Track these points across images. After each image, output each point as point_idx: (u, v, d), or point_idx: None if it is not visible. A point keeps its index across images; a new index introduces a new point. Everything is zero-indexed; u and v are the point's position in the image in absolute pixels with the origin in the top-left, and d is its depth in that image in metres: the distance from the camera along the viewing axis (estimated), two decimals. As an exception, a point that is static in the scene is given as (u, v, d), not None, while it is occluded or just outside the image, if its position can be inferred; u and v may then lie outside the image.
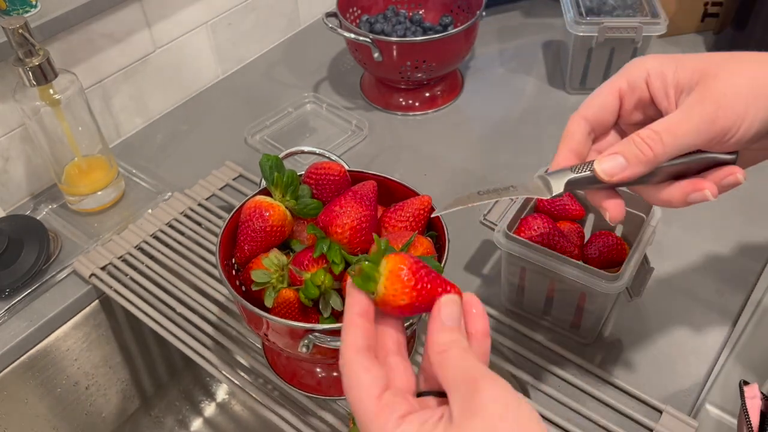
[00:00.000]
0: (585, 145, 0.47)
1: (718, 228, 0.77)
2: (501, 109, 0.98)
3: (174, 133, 0.97)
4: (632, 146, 0.43)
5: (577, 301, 0.63)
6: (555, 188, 0.44)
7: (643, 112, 0.47)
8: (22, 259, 0.74)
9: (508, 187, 0.44)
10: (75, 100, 0.76)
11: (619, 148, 0.43)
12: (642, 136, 0.42)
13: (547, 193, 0.44)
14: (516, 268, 0.65)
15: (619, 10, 0.93)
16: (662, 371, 0.64)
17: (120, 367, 0.84)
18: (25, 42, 0.68)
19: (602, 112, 0.47)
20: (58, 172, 0.81)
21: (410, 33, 0.95)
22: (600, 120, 0.47)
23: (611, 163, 0.43)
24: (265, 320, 0.54)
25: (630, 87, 0.45)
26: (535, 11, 1.16)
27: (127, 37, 0.89)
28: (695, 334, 0.67)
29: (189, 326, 0.70)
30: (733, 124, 0.41)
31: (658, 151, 0.42)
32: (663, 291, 0.71)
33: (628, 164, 0.43)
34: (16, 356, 0.72)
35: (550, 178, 0.45)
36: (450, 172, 0.87)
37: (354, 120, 0.95)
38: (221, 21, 1.01)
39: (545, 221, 0.63)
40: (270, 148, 0.92)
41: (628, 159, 0.43)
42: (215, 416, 0.92)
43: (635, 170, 0.43)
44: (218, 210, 0.82)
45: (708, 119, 0.41)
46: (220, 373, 0.66)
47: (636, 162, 0.42)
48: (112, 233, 0.80)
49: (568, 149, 0.46)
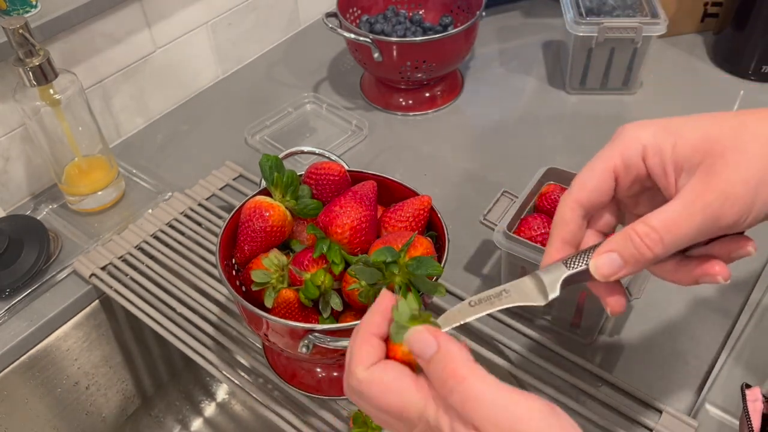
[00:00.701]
0: (579, 231, 0.43)
1: (718, 228, 0.77)
2: (501, 109, 0.98)
3: (174, 133, 0.97)
4: (629, 245, 0.39)
5: (577, 300, 0.63)
6: (551, 292, 0.41)
7: (641, 185, 0.42)
8: (22, 259, 0.74)
9: (500, 293, 0.41)
10: (75, 100, 0.76)
11: (615, 245, 0.39)
12: (640, 234, 0.38)
13: (542, 300, 0.41)
14: (516, 267, 0.65)
15: (619, 10, 0.93)
16: (662, 371, 0.64)
17: (120, 367, 0.84)
18: (25, 42, 0.68)
19: (597, 195, 0.42)
20: (58, 172, 0.81)
21: (410, 33, 0.95)
22: (595, 203, 0.43)
23: (606, 263, 0.39)
24: (264, 320, 0.54)
25: (625, 165, 0.41)
26: (535, 11, 1.16)
27: (127, 37, 0.89)
28: (695, 334, 0.67)
29: (189, 326, 0.70)
30: (740, 217, 0.37)
31: (658, 252, 0.38)
32: (663, 291, 0.71)
33: (625, 264, 0.39)
34: (16, 356, 0.72)
35: (544, 278, 0.41)
36: (450, 172, 0.87)
37: (354, 120, 0.95)
38: (221, 21, 1.01)
39: (545, 221, 0.64)
40: (270, 148, 0.92)
41: (624, 258, 0.39)
42: (215, 416, 0.92)
43: (632, 270, 0.39)
44: (218, 210, 0.82)
45: (713, 215, 0.37)
46: (221, 373, 0.66)
47: (633, 262, 0.39)
48: (112, 233, 0.80)
49: (561, 240, 0.43)
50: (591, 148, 0.91)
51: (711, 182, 0.37)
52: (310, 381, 0.63)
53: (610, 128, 0.61)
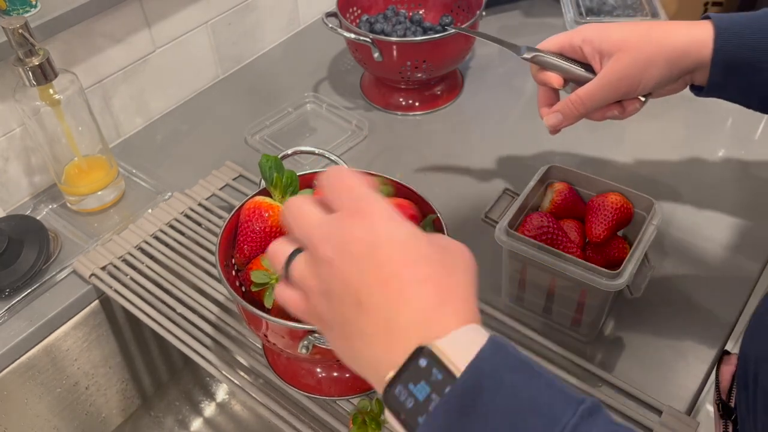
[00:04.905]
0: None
1: (718, 228, 0.77)
2: (501, 109, 0.98)
3: (174, 133, 0.97)
4: (566, 107, 0.63)
5: (578, 297, 0.63)
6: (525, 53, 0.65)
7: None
8: (22, 259, 0.74)
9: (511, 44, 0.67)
10: (75, 99, 0.76)
11: (558, 107, 0.64)
12: (572, 100, 0.62)
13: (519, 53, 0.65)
14: (517, 265, 0.65)
15: (619, 10, 0.93)
16: (662, 371, 0.64)
17: (120, 367, 0.84)
18: (25, 42, 0.68)
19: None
20: (58, 172, 0.81)
21: (410, 33, 0.95)
22: None
23: (553, 117, 0.64)
24: (264, 321, 0.54)
25: (570, 46, 0.63)
26: (535, 11, 1.16)
27: (127, 36, 0.89)
28: (695, 334, 0.67)
29: (189, 326, 0.70)
30: (630, 88, 0.60)
31: (582, 110, 0.62)
32: (663, 290, 0.71)
33: (564, 118, 0.64)
34: (16, 356, 0.72)
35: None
36: (450, 172, 0.87)
37: (354, 120, 0.95)
38: (221, 21, 1.01)
39: (547, 218, 0.64)
40: (270, 148, 0.92)
41: (564, 115, 0.63)
42: (215, 416, 0.92)
43: (569, 122, 0.64)
44: (218, 210, 0.82)
45: (614, 87, 0.60)
46: (220, 373, 0.66)
47: (569, 117, 0.63)
48: (112, 233, 0.80)
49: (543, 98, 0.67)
50: (591, 147, 0.91)
51: (615, 67, 0.59)
52: (309, 381, 0.63)
53: (610, 128, 0.61)
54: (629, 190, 0.66)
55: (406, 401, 0.34)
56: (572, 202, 0.67)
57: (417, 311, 0.36)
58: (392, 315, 0.36)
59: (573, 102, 0.62)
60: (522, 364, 0.34)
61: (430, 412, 0.33)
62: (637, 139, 0.90)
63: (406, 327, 0.35)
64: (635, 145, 0.89)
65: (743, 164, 0.86)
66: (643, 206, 0.65)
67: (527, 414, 0.32)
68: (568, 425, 0.32)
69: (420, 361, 0.34)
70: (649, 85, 0.60)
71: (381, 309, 0.36)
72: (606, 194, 0.66)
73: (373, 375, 0.37)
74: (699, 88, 0.61)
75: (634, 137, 0.91)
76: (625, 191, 0.66)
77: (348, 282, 0.37)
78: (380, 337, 0.36)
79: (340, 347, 0.39)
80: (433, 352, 0.34)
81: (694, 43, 0.57)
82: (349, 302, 0.37)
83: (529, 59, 0.64)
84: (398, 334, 0.36)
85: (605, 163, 0.87)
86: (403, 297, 0.36)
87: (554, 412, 0.32)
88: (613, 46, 0.59)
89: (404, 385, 0.34)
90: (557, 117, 0.64)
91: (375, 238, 0.37)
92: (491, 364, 0.34)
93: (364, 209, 0.39)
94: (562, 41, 0.63)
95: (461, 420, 0.33)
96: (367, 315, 0.36)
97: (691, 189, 0.82)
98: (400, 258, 0.37)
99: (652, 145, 0.89)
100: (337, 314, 0.38)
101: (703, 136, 0.90)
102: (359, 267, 0.37)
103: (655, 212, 0.64)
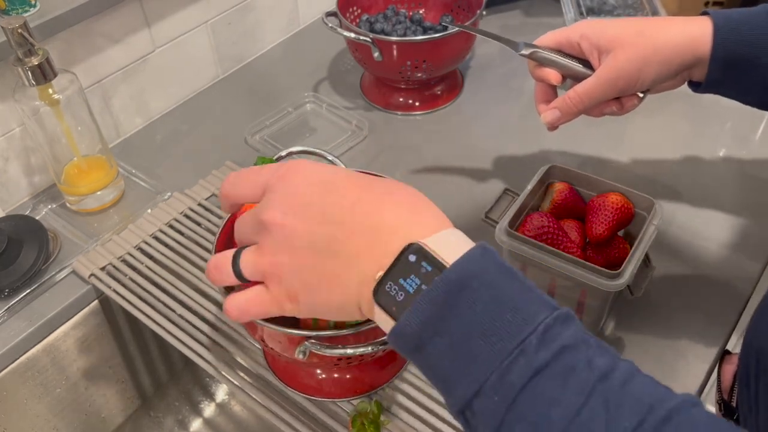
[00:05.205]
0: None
1: (718, 228, 0.77)
2: (501, 109, 0.98)
3: (174, 133, 0.97)
4: (564, 103, 0.63)
5: (578, 297, 0.63)
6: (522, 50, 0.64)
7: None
8: (21, 259, 0.74)
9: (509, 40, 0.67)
10: (74, 99, 0.76)
11: (556, 104, 0.63)
12: (570, 97, 0.62)
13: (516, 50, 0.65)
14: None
15: (620, 10, 0.93)
16: (662, 371, 0.64)
17: (119, 367, 0.84)
18: (25, 42, 0.68)
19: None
20: (57, 172, 0.81)
21: (410, 32, 0.95)
22: None
23: (550, 114, 0.64)
24: (260, 326, 0.54)
25: (567, 41, 0.63)
26: (535, 11, 1.16)
27: (127, 36, 0.89)
28: (695, 334, 0.67)
29: (188, 327, 0.70)
30: (628, 85, 0.60)
31: (580, 107, 0.62)
32: (664, 290, 0.71)
33: (562, 115, 0.63)
34: (16, 356, 0.72)
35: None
36: (450, 172, 0.87)
37: (354, 120, 0.95)
38: (221, 21, 1.01)
39: (547, 218, 0.63)
40: (270, 147, 0.91)
41: (561, 111, 0.63)
42: (215, 416, 0.92)
43: (567, 118, 0.63)
44: (218, 210, 0.81)
45: (611, 84, 0.60)
46: (220, 373, 0.65)
47: (567, 113, 0.63)
48: (112, 233, 0.80)
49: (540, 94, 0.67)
50: (591, 147, 0.91)
51: (612, 64, 0.59)
52: (309, 382, 0.63)
53: (610, 128, 0.61)
54: (629, 190, 0.66)
55: (396, 295, 0.36)
56: (572, 202, 0.67)
57: (397, 218, 0.38)
58: (373, 227, 0.38)
59: (571, 99, 0.62)
60: (507, 270, 0.36)
61: (417, 300, 0.35)
62: (637, 139, 0.90)
63: (391, 233, 0.38)
64: (635, 145, 0.89)
65: (743, 164, 0.86)
66: (643, 206, 0.65)
67: (506, 310, 0.35)
68: (542, 324, 0.34)
69: (409, 257, 0.37)
70: (647, 82, 0.60)
71: (357, 230, 0.38)
72: (606, 194, 0.66)
73: (361, 291, 0.38)
74: (697, 84, 0.62)
75: (634, 137, 0.91)
76: (625, 191, 0.66)
77: (310, 230, 0.38)
78: (364, 252, 0.38)
79: (322, 301, 0.40)
80: (422, 247, 0.36)
81: (690, 39, 0.58)
82: (319, 247, 0.38)
83: (527, 55, 0.64)
84: (384, 241, 0.38)
85: (605, 163, 0.87)
86: (379, 210, 0.38)
87: (531, 312, 0.35)
88: (609, 42, 0.59)
89: (394, 281, 0.37)
90: (555, 114, 0.64)
91: (321, 178, 0.40)
92: (479, 265, 0.36)
93: (289, 167, 0.41)
94: (560, 37, 0.64)
95: (443, 309, 0.35)
96: (343, 244, 0.38)
97: (691, 189, 0.82)
98: (356, 183, 0.40)
99: (652, 145, 0.89)
100: (309, 270, 0.39)
101: (704, 136, 0.90)
102: (318, 209, 0.39)
103: (655, 212, 0.64)
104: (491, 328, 0.34)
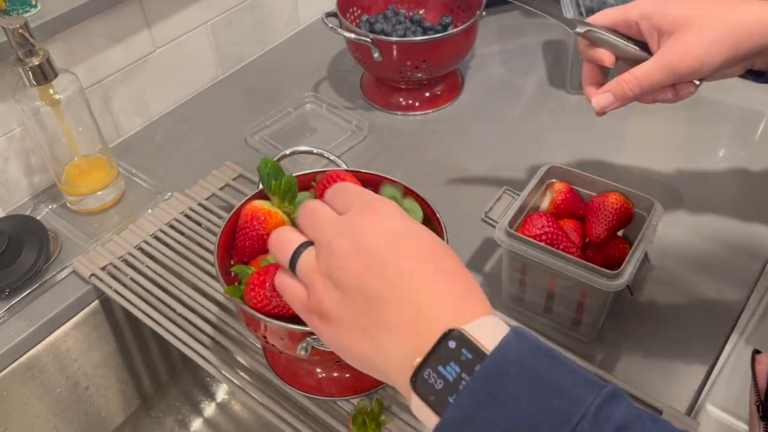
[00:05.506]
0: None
1: (718, 228, 0.77)
2: (501, 109, 0.98)
3: (174, 133, 0.97)
4: (619, 87, 0.58)
5: (578, 297, 0.63)
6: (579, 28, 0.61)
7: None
8: (22, 259, 0.74)
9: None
10: (75, 100, 0.76)
11: (610, 87, 0.59)
12: (625, 80, 0.57)
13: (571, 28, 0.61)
14: (517, 265, 0.65)
15: (620, 10, 0.93)
16: (662, 371, 0.64)
17: (120, 367, 0.84)
18: (25, 42, 0.68)
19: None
20: (58, 172, 0.81)
21: (410, 33, 0.95)
22: None
23: (603, 98, 0.59)
24: (262, 323, 0.54)
25: (624, 21, 0.59)
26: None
27: (127, 37, 0.89)
28: (695, 334, 0.67)
29: (189, 326, 0.70)
30: (691, 69, 0.55)
31: (636, 92, 0.57)
32: (663, 290, 0.71)
33: (615, 99, 0.59)
34: (16, 356, 0.72)
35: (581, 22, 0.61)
36: (450, 172, 0.87)
37: (354, 120, 0.95)
38: (221, 21, 1.01)
39: (547, 219, 0.63)
40: (270, 147, 0.92)
41: (615, 96, 0.59)
42: (215, 416, 0.92)
43: (620, 104, 0.59)
44: (218, 210, 0.82)
45: (673, 68, 0.55)
46: (220, 373, 0.65)
47: (621, 98, 0.59)
48: (112, 233, 0.80)
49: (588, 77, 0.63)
50: (591, 148, 0.91)
51: (675, 47, 0.55)
52: (309, 381, 0.63)
53: (610, 128, 0.61)
54: (629, 190, 0.66)
55: (435, 383, 0.35)
56: (572, 202, 0.67)
57: (444, 300, 0.37)
58: (420, 304, 0.37)
59: (627, 82, 0.57)
60: (546, 352, 0.35)
61: (461, 391, 0.34)
62: (637, 139, 0.90)
63: (436, 315, 0.36)
64: (635, 145, 0.89)
65: (743, 164, 0.86)
66: (643, 206, 0.65)
67: (552, 396, 0.33)
68: (592, 406, 0.32)
69: (449, 343, 0.35)
70: (712, 67, 0.55)
71: (406, 300, 0.37)
72: (606, 194, 0.66)
73: (394, 365, 0.37)
74: (758, 73, 0.58)
75: (634, 137, 0.91)
76: (625, 191, 0.66)
77: (365, 276, 0.38)
78: (406, 326, 0.37)
79: (349, 343, 0.39)
80: (463, 334, 0.35)
81: (764, 22, 0.53)
82: (368, 296, 0.37)
83: (582, 34, 0.60)
84: (426, 322, 0.36)
85: (605, 163, 0.87)
86: (429, 288, 0.37)
87: (578, 394, 0.33)
88: (673, 23, 0.55)
89: (433, 368, 0.35)
90: (607, 98, 0.59)
91: (391, 232, 0.39)
92: (517, 350, 0.34)
93: (375, 206, 0.41)
94: (617, 16, 0.59)
95: (488, 399, 0.33)
96: (389, 306, 0.37)
97: (691, 189, 0.82)
98: (419, 251, 0.39)
99: (652, 145, 0.89)
100: (351, 309, 0.38)
101: (704, 136, 0.90)
102: (379, 260, 0.38)
103: (655, 212, 0.64)
104: (539, 416, 0.32)
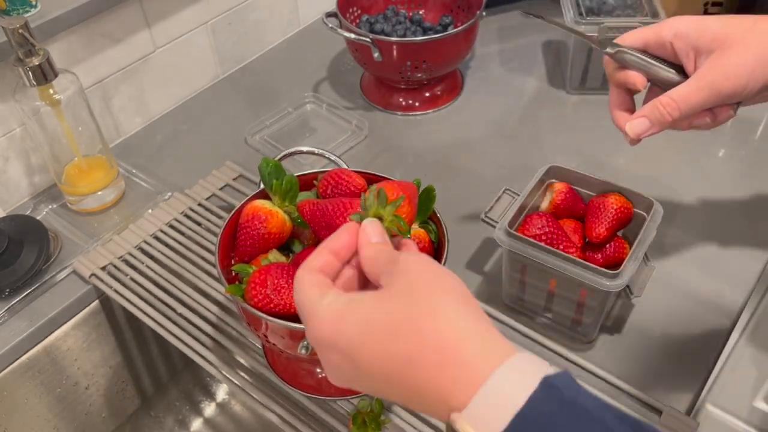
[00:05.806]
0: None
1: (718, 228, 0.77)
2: (501, 109, 0.98)
3: (174, 133, 0.97)
4: (656, 112, 0.53)
5: (578, 297, 0.63)
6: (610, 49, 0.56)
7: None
8: (22, 259, 0.74)
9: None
10: (75, 100, 0.76)
11: (645, 112, 0.54)
12: (663, 104, 0.52)
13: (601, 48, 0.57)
14: (517, 265, 0.65)
15: (619, 10, 0.93)
16: (662, 371, 0.64)
17: (120, 367, 0.84)
18: (25, 42, 0.68)
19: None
20: (58, 172, 0.81)
21: (410, 33, 0.95)
22: None
23: (638, 124, 0.55)
24: (264, 321, 0.54)
25: (657, 41, 0.55)
26: (535, 11, 1.16)
27: (127, 37, 0.89)
28: (695, 334, 0.67)
29: (189, 326, 0.70)
30: (733, 90, 0.51)
31: (675, 116, 0.52)
32: (663, 290, 0.71)
33: (652, 125, 0.54)
34: (16, 356, 0.72)
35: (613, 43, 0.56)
36: (450, 172, 0.87)
37: (354, 120, 0.95)
38: (221, 21, 1.01)
39: (547, 219, 0.64)
40: (270, 147, 0.92)
41: (651, 121, 0.54)
42: (215, 416, 0.92)
43: (657, 129, 0.54)
44: (218, 210, 0.82)
45: (714, 89, 0.51)
46: (220, 373, 0.66)
47: (658, 123, 0.54)
48: (112, 233, 0.80)
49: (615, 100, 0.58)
50: (591, 148, 0.91)
51: (717, 66, 0.50)
52: (310, 381, 0.63)
53: (610, 128, 0.61)
54: (629, 190, 0.66)
55: None
56: (572, 202, 0.67)
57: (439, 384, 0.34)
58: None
59: (665, 106, 0.52)
60: (580, 410, 0.31)
61: None
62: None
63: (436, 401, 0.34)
64: (635, 145, 0.89)
65: (743, 164, 0.86)
66: (643, 206, 0.65)
67: None
68: None
69: None
70: (756, 89, 0.51)
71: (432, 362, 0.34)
72: (606, 194, 0.66)
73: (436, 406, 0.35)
74: None
75: (634, 137, 0.91)
76: (625, 191, 0.66)
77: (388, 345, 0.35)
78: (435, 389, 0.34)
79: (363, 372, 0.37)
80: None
81: None
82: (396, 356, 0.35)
83: (612, 55, 0.56)
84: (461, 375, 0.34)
85: (605, 163, 0.87)
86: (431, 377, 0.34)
87: None
88: (713, 40, 0.51)
89: None
90: (643, 124, 0.54)
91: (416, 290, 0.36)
92: (543, 413, 0.31)
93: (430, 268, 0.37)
94: (648, 36, 0.55)
95: None
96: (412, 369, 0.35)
97: (691, 189, 0.82)
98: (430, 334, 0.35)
99: (652, 145, 0.89)
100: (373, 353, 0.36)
101: (704, 136, 0.90)
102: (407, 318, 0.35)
103: (655, 212, 0.64)
104: None
